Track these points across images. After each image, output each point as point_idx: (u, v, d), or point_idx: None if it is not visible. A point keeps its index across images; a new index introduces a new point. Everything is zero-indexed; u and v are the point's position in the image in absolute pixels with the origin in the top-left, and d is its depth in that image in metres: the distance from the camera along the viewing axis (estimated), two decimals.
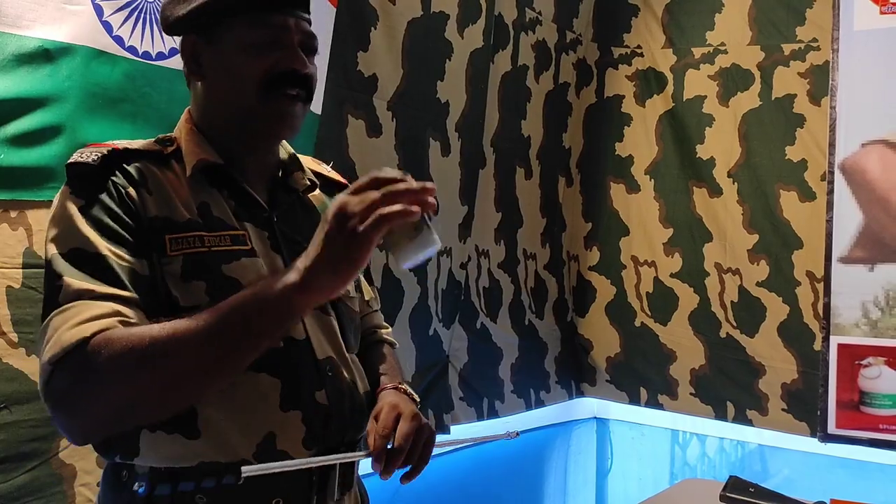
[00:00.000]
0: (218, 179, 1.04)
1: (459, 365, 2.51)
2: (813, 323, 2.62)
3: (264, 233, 1.05)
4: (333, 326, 1.08)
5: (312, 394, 1.01)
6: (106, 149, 0.98)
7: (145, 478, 0.95)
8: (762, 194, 2.74)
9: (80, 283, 0.89)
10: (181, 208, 0.99)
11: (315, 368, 1.03)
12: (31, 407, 1.35)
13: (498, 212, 2.70)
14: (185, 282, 0.95)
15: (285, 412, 0.98)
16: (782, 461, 2.83)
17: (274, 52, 1.00)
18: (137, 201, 0.96)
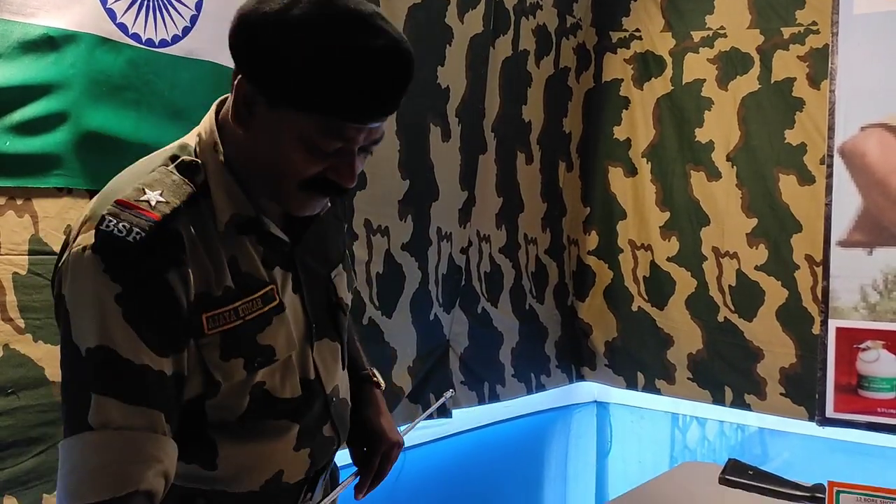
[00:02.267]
0: (246, 229, 0.96)
1: (460, 349, 2.52)
2: (811, 307, 2.63)
3: (288, 273, 1.01)
4: (337, 350, 1.10)
5: (321, 429, 1.06)
6: (146, 222, 0.85)
7: None
8: (761, 178, 2.75)
9: (111, 406, 0.83)
10: (216, 277, 0.92)
11: (324, 404, 1.06)
12: (38, 392, 1.36)
13: (499, 197, 2.70)
14: (224, 361, 0.93)
15: (297, 451, 1.03)
16: (782, 444, 2.85)
17: (329, 159, 0.91)
18: (180, 286, 0.87)
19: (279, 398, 0.99)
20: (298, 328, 1.02)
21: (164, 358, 0.86)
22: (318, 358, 1.05)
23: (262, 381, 0.97)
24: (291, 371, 1.01)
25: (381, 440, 1.19)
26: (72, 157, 1.40)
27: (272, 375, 0.98)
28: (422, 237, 2.34)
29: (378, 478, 1.19)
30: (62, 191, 1.40)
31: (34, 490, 1.36)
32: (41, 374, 1.37)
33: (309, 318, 1.04)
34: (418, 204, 2.31)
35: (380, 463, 1.18)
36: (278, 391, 0.99)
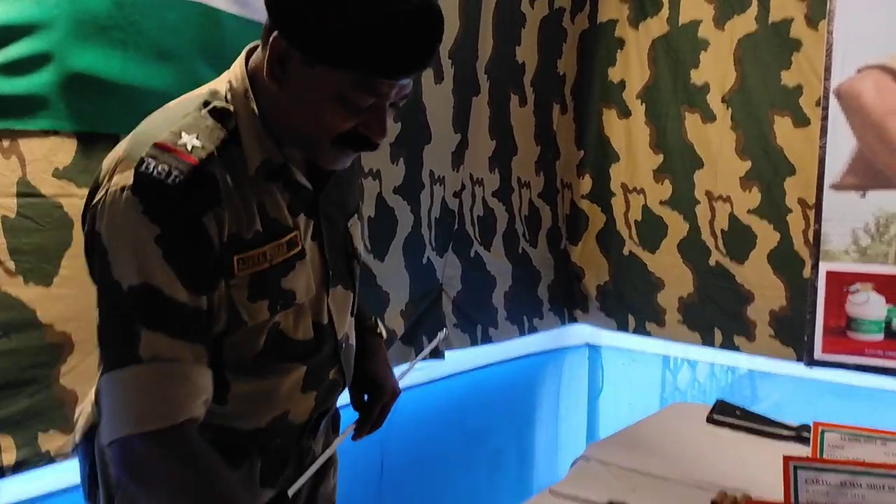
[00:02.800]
0: (274, 175, 1.00)
1: (453, 292, 2.54)
2: (803, 250, 2.64)
3: (310, 221, 1.05)
4: (349, 298, 1.15)
5: (328, 373, 1.11)
6: (185, 166, 0.89)
7: None
8: (756, 120, 2.72)
9: (159, 340, 0.88)
10: (246, 220, 0.95)
11: (334, 349, 1.11)
12: (29, 335, 1.37)
13: (492, 140, 2.68)
14: (251, 302, 0.97)
15: (304, 393, 1.08)
16: (771, 386, 2.90)
17: (362, 115, 0.94)
18: (214, 229, 0.91)
19: (292, 339, 1.04)
20: (316, 274, 1.06)
21: (200, 296, 0.91)
22: (333, 304, 1.10)
23: (278, 322, 1.02)
24: (305, 315, 1.05)
25: (383, 391, 1.25)
26: (58, 98, 1.38)
27: (286, 317, 1.02)
28: (414, 180, 2.32)
29: (375, 425, 1.26)
30: (49, 133, 1.38)
31: (29, 430, 1.38)
32: (32, 316, 1.37)
33: (326, 265, 1.08)
34: (410, 147, 2.29)
35: (380, 413, 1.25)
36: (291, 333, 1.03)
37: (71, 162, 1.41)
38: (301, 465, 1.14)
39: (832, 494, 1.40)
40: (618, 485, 1.67)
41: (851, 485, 1.40)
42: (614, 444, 1.97)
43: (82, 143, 1.43)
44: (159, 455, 0.88)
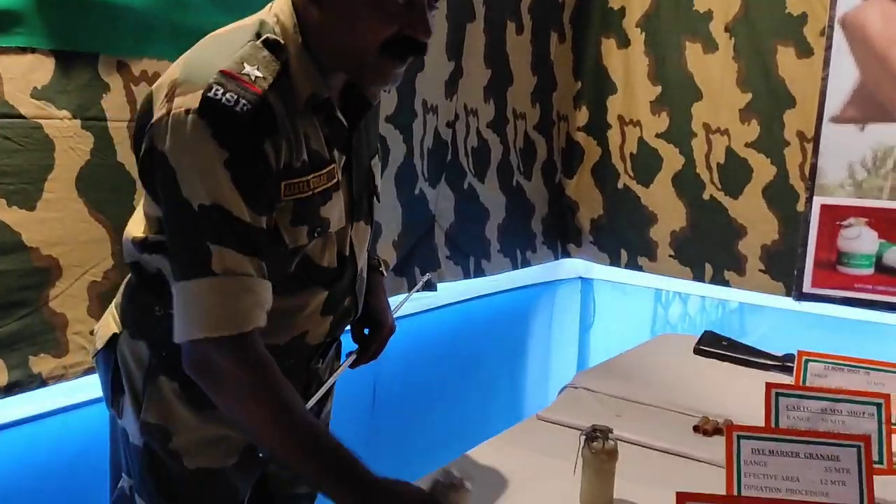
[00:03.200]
0: (318, 109, 1.05)
1: (446, 224, 2.53)
2: (798, 184, 2.62)
3: (343, 156, 1.12)
4: (368, 233, 1.23)
5: (344, 300, 1.19)
6: (252, 95, 0.94)
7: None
8: (759, 51, 2.66)
9: (229, 255, 0.95)
10: (296, 149, 1.01)
11: (352, 279, 1.19)
12: (16, 257, 1.36)
13: (487, 69, 2.62)
14: (293, 226, 1.04)
15: (322, 317, 1.16)
16: (760, 319, 2.93)
17: (403, 18, 0.98)
18: (273, 156, 0.98)
19: (318, 266, 1.11)
20: (344, 208, 1.13)
21: (261, 217, 0.98)
22: (355, 237, 1.18)
23: (308, 249, 1.09)
24: (331, 244, 1.12)
25: (382, 326, 1.35)
26: (33, 14, 1.33)
27: (315, 245, 1.10)
28: (407, 109, 2.28)
29: (372, 357, 1.37)
30: (26, 50, 1.34)
31: (20, 352, 1.38)
32: (18, 239, 1.36)
33: (353, 199, 1.15)
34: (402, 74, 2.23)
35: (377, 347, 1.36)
36: (318, 260, 1.11)
37: (49, 82, 1.37)
38: (307, 388, 1.22)
39: (812, 420, 1.42)
40: (603, 411, 1.70)
41: (832, 411, 1.43)
42: (602, 372, 2.00)
43: (60, 62, 1.38)
44: (231, 359, 0.96)
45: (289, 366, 1.13)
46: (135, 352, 1.14)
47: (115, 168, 1.48)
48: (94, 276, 1.48)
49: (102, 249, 1.48)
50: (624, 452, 1.28)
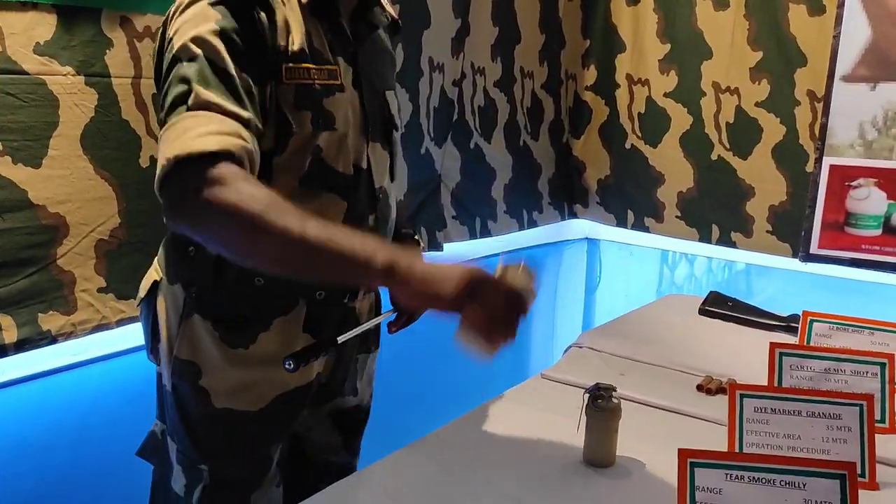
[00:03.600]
0: (319, 10, 1.13)
1: (452, 184, 2.52)
2: (808, 144, 2.60)
3: (349, 68, 1.17)
4: (387, 159, 1.26)
5: (367, 218, 1.21)
6: None
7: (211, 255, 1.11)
8: (770, 7, 2.61)
9: (209, 95, 0.98)
10: (294, 37, 1.08)
11: (371, 195, 1.21)
12: (23, 215, 1.37)
13: (494, 26, 2.58)
14: (297, 110, 1.09)
15: None
16: (767, 280, 2.92)
17: None
18: (266, 27, 1.05)
19: (333, 169, 1.15)
20: (356, 118, 1.17)
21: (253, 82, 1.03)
22: (372, 156, 1.21)
23: (321, 149, 1.12)
24: (346, 150, 1.16)
25: None
26: None
27: (329, 146, 1.13)
28: (413, 67, 2.26)
29: (410, 319, 1.37)
30: (27, 6, 1.33)
31: (29, 309, 1.40)
32: (24, 196, 1.37)
33: (366, 115, 1.20)
34: (408, 31, 2.21)
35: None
36: (333, 162, 1.14)
37: (52, 37, 1.37)
38: (342, 326, 1.21)
39: (816, 380, 1.43)
40: (607, 370, 1.71)
41: (835, 371, 1.43)
42: (606, 332, 2.00)
43: (62, 18, 1.38)
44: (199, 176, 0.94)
45: (321, 298, 1.19)
46: (171, 295, 1.19)
47: (119, 125, 1.48)
48: (101, 234, 1.49)
49: (109, 207, 1.49)
50: (627, 411, 1.28)
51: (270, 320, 1.17)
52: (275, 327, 1.17)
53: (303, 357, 1.09)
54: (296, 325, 1.19)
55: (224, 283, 1.15)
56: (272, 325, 1.17)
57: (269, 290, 1.15)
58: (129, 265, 1.53)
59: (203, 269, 1.14)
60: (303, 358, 1.09)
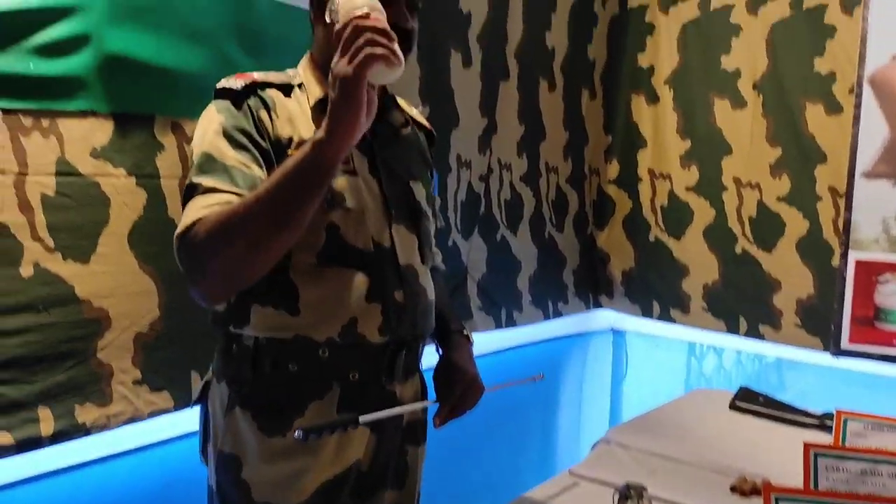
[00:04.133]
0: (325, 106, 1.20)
1: (478, 275, 2.56)
2: (832, 238, 2.62)
3: (365, 158, 1.26)
4: (415, 241, 1.31)
5: (392, 292, 1.24)
6: (247, 79, 1.20)
7: (249, 349, 1.19)
8: (787, 107, 2.69)
9: (208, 182, 1.11)
10: (300, 130, 1.19)
11: (397, 272, 1.25)
12: (67, 309, 1.42)
13: (521, 125, 2.68)
14: None
15: (369, 303, 1.21)
16: (798, 375, 2.88)
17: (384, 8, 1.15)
18: (267, 122, 1.18)
19: (350, 245, 1.20)
20: (375, 201, 1.25)
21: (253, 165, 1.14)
22: (397, 236, 1.26)
23: (337, 225, 1.19)
24: (364, 226, 1.22)
25: (464, 375, 1.35)
26: (95, 79, 1.42)
27: (345, 221, 1.20)
28: (441, 163, 2.34)
29: (456, 410, 1.35)
30: (86, 113, 1.42)
31: (67, 402, 1.43)
32: (70, 291, 1.42)
33: (387, 201, 1.26)
34: (438, 130, 2.28)
35: (460, 396, 1.33)
36: (350, 238, 1.20)
37: (108, 142, 1.45)
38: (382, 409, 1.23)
39: (852, 482, 1.40)
40: (637, 468, 1.69)
41: (872, 473, 1.40)
42: (635, 427, 1.99)
43: (118, 124, 1.47)
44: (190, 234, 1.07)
45: (356, 379, 1.21)
46: (219, 393, 1.24)
47: (165, 223, 1.54)
48: (141, 327, 1.53)
49: (150, 301, 1.54)
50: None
51: (306, 405, 1.20)
52: (310, 412, 1.20)
53: (316, 429, 1.12)
54: (330, 408, 1.21)
55: (261, 374, 1.20)
56: (307, 410, 1.20)
57: (303, 376, 1.20)
58: (165, 357, 1.57)
59: (242, 363, 1.20)
60: (315, 430, 1.12)
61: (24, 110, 1.34)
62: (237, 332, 1.21)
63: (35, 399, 1.38)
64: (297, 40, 1.75)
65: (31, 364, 1.37)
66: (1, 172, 1.31)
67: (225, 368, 1.24)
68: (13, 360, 1.35)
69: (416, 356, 1.33)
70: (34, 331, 1.37)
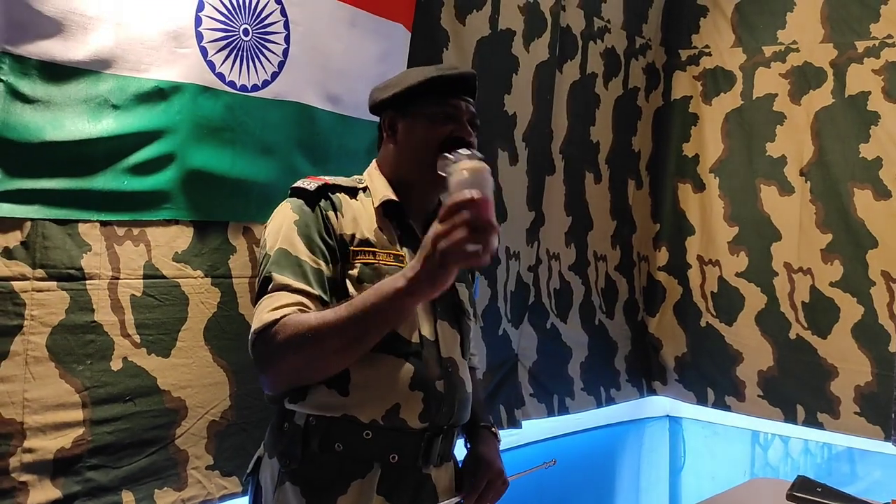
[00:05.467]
0: (392, 214, 1.38)
1: (528, 363, 2.62)
2: (888, 324, 2.60)
3: None
4: (457, 337, 1.42)
5: (434, 382, 1.33)
6: (320, 182, 1.35)
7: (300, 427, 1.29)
8: (835, 193, 2.74)
9: (282, 279, 1.24)
10: (363, 229, 1.34)
11: (439, 363, 1.36)
12: (151, 399, 1.56)
13: (568, 216, 2.79)
14: (360, 283, 1.29)
15: (412, 391, 1.30)
16: (869, 464, 2.80)
17: (450, 125, 1.37)
18: (334, 221, 1.32)
19: (399, 335, 1.30)
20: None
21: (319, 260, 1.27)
22: (440, 331, 1.37)
23: None
24: (413, 320, 1.33)
25: (489, 468, 1.43)
26: (178, 192, 1.60)
27: None
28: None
29: (482, 501, 1.41)
30: (170, 222, 1.60)
31: (147, 486, 1.55)
32: (154, 383, 1.56)
33: (434, 299, 1.31)
34: None
35: (484, 489, 1.40)
36: (401, 330, 1.31)
37: (188, 246, 1.62)
38: (417, 494, 1.33)
39: None
40: None
41: None
42: None
43: (197, 230, 1.64)
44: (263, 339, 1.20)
45: (395, 461, 1.29)
46: (270, 468, 1.34)
47: (237, 318, 1.69)
48: (214, 415, 1.66)
49: (222, 391, 1.67)
50: None
51: (349, 483, 1.29)
52: (352, 489, 1.28)
53: None
54: (370, 487, 1.29)
55: (310, 452, 1.29)
56: (350, 488, 1.28)
57: (348, 455, 1.28)
58: (235, 444, 1.69)
59: (293, 440, 1.29)
60: None
61: (119, 221, 1.52)
62: (291, 408, 1.31)
63: (119, 483, 1.51)
64: (354, 147, 1.94)
65: (119, 450, 1.51)
66: (98, 277, 1.49)
67: (277, 444, 1.33)
68: (103, 447, 1.49)
69: (451, 443, 1.41)
70: (122, 419, 1.52)
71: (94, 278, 1.49)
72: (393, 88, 1.41)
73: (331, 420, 1.28)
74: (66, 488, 1.44)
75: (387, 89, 1.42)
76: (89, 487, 1.47)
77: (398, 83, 1.42)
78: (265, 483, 1.35)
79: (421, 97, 1.38)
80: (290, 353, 1.18)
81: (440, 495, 1.37)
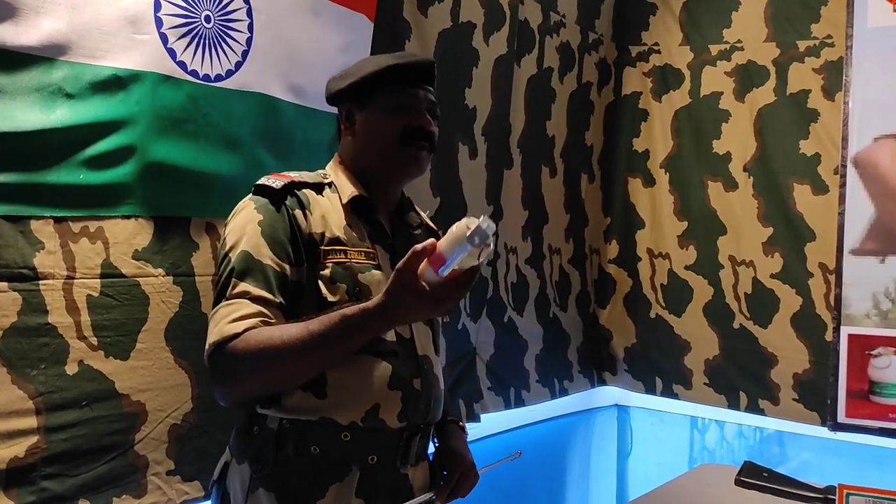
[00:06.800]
0: (359, 209, 1.36)
1: (486, 356, 2.63)
2: (825, 314, 2.71)
3: (387, 254, 1.37)
4: (429, 334, 1.42)
5: (412, 380, 1.33)
6: (285, 179, 1.31)
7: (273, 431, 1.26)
8: (776, 188, 2.83)
9: (243, 285, 1.20)
10: (332, 227, 1.30)
11: (416, 361, 1.35)
12: (109, 404, 1.49)
13: (525, 210, 2.80)
14: (332, 284, 1.27)
15: (391, 390, 1.29)
16: (799, 447, 2.92)
17: (409, 114, 1.35)
18: (302, 221, 1.27)
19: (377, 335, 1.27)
20: None
21: (286, 265, 1.24)
22: (414, 328, 1.36)
23: None
24: None
25: (461, 462, 1.44)
26: (138, 186, 1.52)
27: None
28: None
29: (453, 495, 1.42)
30: (129, 218, 1.52)
31: (105, 494, 1.48)
32: (112, 387, 1.49)
33: None
34: (448, 220, 2.40)
35: (457, 483, 1.42)
36: None
37: (148, 244, 1.55)
38: (395, 495, 1.31)
39: None
40: None
41: None
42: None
43: (158, 226, 1.57)
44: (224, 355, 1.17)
45: (374, 462, 1.28)
46: (239, 474, 1.29)
47: (199, 318, 1.62)
48: (175, 419, 1.60)
49: (184, 393, 1.61)
50: None
51: (326, 487, 1.26)
52: (330, 493, 1.26)
53: None
54: (349, 490, 1.27)
55: (284, 456, 1.25)
56: (328, 492, 1.26)
57: (325, 459, 1.26)
58: (197, 448, 1.63)
59: (265, 444, 1.26)
60: None
61: (74, 217, 1.44)
62: (263, 412, 1.27)
63: (76, 492, 1.44)
64: (317, 140, 1.89)
65: (75, 458, 1.44)
66: (52, 276, 1.41)
67: (246, 449, 1.29)
68: (59, 455, 1.41)
69: (427, 441, 1.41)
70: (79, 425, 1.44)
71: (48, 278, 1.41)
72: (349, 78, 1.38)
73: (306, 423, 1.25)
74: (19, 499, 1.36)
75: (343, 79, 1.39)
76: (44, 497, 1.39)
77: (355, 72, 1.38)
78: (234, 490, 1.30)
79: (378, 87, 1.35)
80: (253, 370, 1.17)
81: (416, 493, 1.35)
